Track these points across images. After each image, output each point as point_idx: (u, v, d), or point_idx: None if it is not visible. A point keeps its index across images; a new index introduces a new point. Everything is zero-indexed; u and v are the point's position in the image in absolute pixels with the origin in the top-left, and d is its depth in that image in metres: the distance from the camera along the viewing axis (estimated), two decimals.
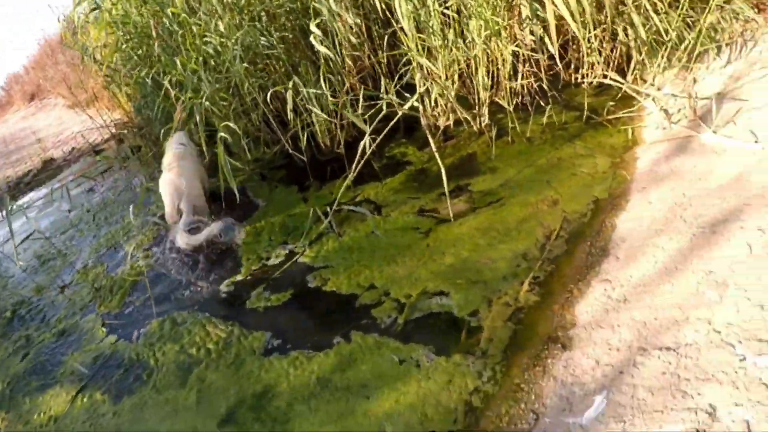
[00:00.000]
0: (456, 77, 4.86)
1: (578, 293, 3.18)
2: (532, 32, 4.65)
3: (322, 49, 4.67)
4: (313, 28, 4.62)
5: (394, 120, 4.35)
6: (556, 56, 4.66)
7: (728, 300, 2.55)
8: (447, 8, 4.61)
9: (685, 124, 4.14)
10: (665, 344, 2.54)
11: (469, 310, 3.24)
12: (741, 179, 3.28)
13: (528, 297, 3.23)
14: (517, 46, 4.70)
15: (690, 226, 3.18)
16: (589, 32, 4.61)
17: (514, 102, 4.98)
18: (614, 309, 2.93)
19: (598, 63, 5.00)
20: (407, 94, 4.50)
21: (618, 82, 4.78)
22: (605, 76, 4.91)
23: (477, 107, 4.95)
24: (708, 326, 2.48)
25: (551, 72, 5.12)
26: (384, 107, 4.37)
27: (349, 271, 3.85)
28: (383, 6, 4.77)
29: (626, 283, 3.06)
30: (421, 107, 4.56)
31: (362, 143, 4.21)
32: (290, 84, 4.79)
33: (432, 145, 4.21)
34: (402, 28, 4.50)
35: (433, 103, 5.01)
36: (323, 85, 4.83)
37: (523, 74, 4.94)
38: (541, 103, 4.90)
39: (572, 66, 5.24)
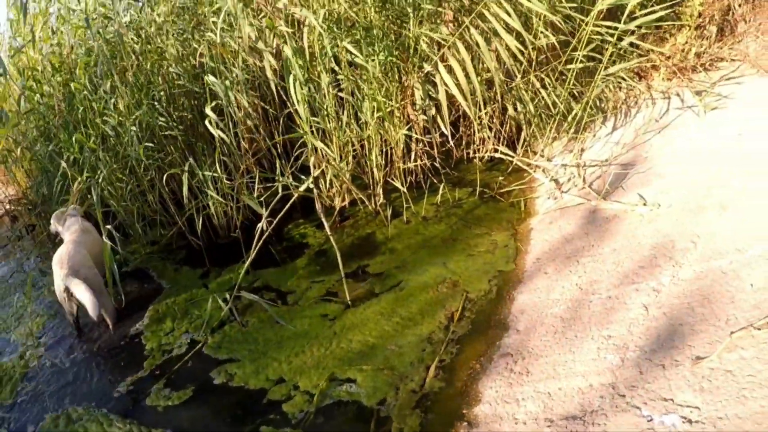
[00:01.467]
0: (350, 158, 4.83)
1: (481, 369, 3.09)
2: (424, 112, 4.71)
3: (217, 133, 4.58)
4: (207, 111, 4.53)
5: (290, 202, 4.24)
6: (449, 135, 4.71)
7: (629, 362, 2.51)
8: (341, 90, 4.61)
9: (575, 193, 4.23)
10: (571, 413, 2.46)
11: (378, 398, 3.08)
12: (632, 242, 3.33)
13: (434, 383, 3.10)
14: (409, 128, 4.75)
15: (586, 293, 3.18)
16: (480, 110, 4.71)
17: (408, 181, 4.97)
18: (518, 382, 2.85)
19: (489, 138, 5.12)
20: (303, 176, 4.43)
21: (508, 155, 4.88)
22: (496, 151, 5.01)
23: (372, 187, 4.93)
24: (612, 391, 2.42)
25: (443, 149, 5.18)
26: (280, 189, 4.28)
27: (256, 365, 3.62)
28: (279, 90, 4.73)
29: (528, 356, 3.00)
30: (316, 190, 4.49)
31: (259, 226, 4.08)
32: (186, 166, 4.66)
33: (327, 229, 4.08)
34: (297, 111, 4.46)
35: (328, 185, 4.94)
36: (218, 167, 4.73)
37: (416, 153, 4.97)
38: (435, 180, 4.93)
39: (464, 142, 5.34)
